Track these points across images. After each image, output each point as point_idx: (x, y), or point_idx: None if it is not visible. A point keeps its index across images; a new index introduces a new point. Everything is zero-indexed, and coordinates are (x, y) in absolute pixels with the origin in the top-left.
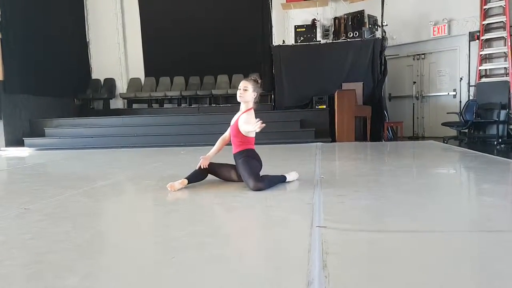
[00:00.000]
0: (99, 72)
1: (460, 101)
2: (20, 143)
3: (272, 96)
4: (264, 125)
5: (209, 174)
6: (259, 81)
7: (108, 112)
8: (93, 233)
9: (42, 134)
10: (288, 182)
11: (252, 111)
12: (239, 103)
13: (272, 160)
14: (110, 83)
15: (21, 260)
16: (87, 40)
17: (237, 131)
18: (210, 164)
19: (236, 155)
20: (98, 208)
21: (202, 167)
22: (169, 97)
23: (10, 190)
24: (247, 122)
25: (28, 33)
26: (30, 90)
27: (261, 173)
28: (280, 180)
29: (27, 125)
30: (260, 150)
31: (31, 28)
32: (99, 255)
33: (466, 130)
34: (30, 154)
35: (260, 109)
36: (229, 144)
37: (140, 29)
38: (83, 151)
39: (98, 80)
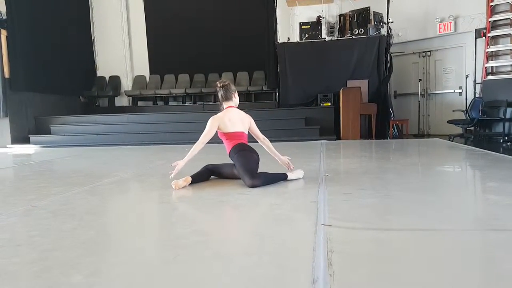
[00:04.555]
0: (104, 69)
1: (466, 99)
2: (26, 141)
3: (277, 93)
4: None
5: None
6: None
7: (113, 109)
8: (98, 230)
9: (47, 132)
10: (291, 180)
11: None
12: (244, 100)
13: (271, 158)
14: (115, 81)
15: (27, 257)
16: (92, 37)
17: (224, 133)
18: (212, 166)
19: (230, 155)
20: (103, 205)
21: (173, 175)
22: (174, 94)
23: (17, 187)
24: None
25: (34, 31)
26: (36, 87)
27: (265, 169)
28: (280, 177)
29: (32, 122)
30: (261, 149)
31: (36, 26)
32: (105, 252)
33: (472, 128)
34: (36, 151)
35: (265, 106)
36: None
37: (145, 26)
38: (88, 148)
39: (103, 78)
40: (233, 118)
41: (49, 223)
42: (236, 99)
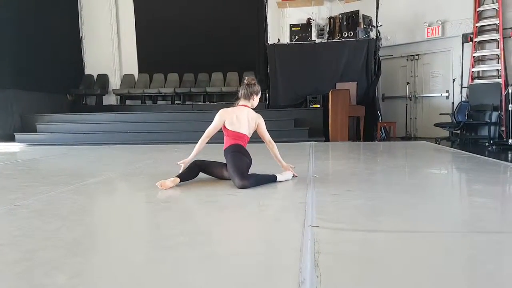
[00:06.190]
0: (92, 67)
1: (453, 102)
2: (11, 138)
3: (267, 94)
4: None
5: (200, 172)
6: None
7: (101, 108)
8: (83, 230)
9: (33, 130)
10: (280, 181)
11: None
12: (234, 101)
13: (265, 159)
14: (103, 79)
15: (10, 257)
16: (81, 35)
17: (228, 129)
18: (201, 162)
19: (224, 152)
20: (88, 205)
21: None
22: (163, 94)
23: (0, 186)
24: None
25: (20, 27)
26: (22, 85)
27: (254, 171)
28: (270, 179)
29: (18, 120)
30: (253, 148)
31: (23, 22)
32: (89, 253)
33: (458, 131)
34: (21, 149)
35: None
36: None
37: (134, 25)
38: (75, 147)
39: (91, 76)
40: (241, 118)
41: (33, 222)
42: (254, 102)
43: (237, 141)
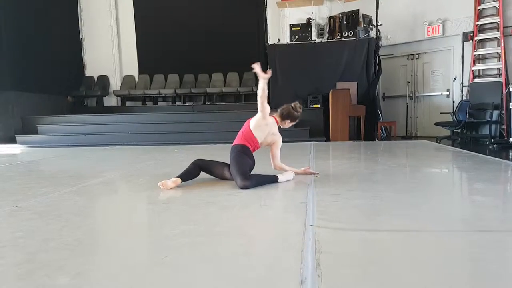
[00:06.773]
0: (92, 69)
1: (454, 101)
2: (12, 140)
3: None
4: None
5: (201, 172)
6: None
7: (101, 109)
8: (84, 231)
9: (34, 131)
10: (281, 182)
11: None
12: (234, 101)
13: (267, 159)
14: (103, 80)
15: (12, 259)
16: (81, 36)
17: (248, 127)
18: (202, 162)
19: (232, 147)
20: (90, 206)
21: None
22: (163, 95)
23: (2, 188)
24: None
25: (20, 29)
26: (23, 87)
27: (255, 171)
28: (271, 180)
29: (19, 122)
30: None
31: (23, 24)
32: (91, 254)
33: (459, 130)
34: (23, 151)
35: (254, 107)
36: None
37: (134, 26)
38: (76, 148)
39: (91, 77)
40: (267, 128)
41: (34, 224)
42: (285, 124)
43: (248, 143)
